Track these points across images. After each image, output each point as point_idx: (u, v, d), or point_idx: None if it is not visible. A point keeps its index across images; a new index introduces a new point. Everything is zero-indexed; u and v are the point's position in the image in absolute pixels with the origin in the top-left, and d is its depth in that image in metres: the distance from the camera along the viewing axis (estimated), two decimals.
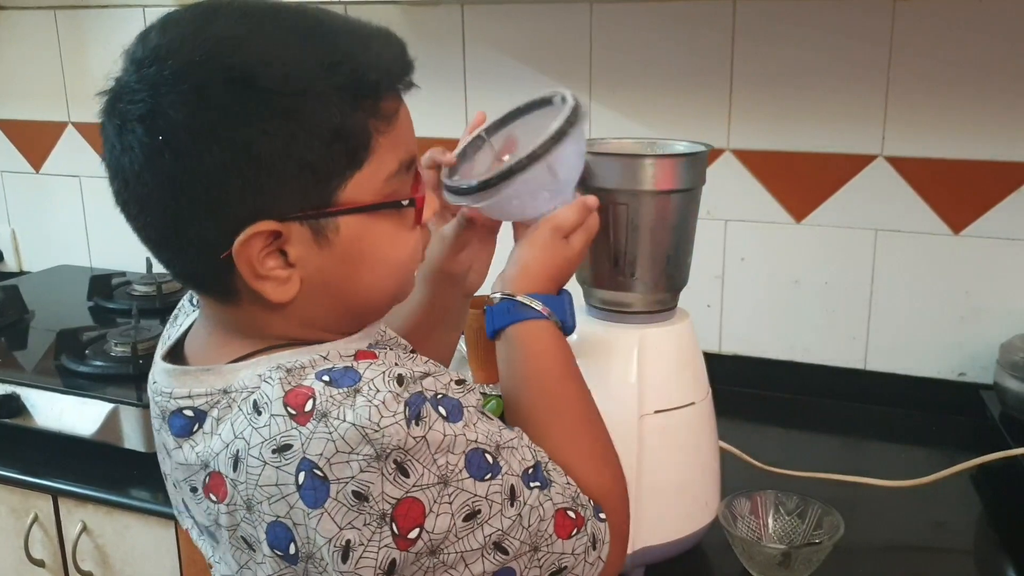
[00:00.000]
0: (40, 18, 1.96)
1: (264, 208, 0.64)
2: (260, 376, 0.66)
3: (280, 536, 0.64)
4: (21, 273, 2.13)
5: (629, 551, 1.00)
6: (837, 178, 1.46)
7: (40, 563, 1.37)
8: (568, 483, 0.74)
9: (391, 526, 0.61)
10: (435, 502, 0.63)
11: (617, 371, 1.00)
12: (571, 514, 0.72)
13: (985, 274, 1.42)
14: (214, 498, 0.67)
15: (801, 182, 1.48)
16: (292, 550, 0.63)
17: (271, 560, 0.65)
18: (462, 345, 1.57)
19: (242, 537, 0.67)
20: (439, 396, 0.65)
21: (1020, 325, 1.40)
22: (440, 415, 0.64)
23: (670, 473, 1.01)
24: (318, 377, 0.63)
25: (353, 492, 0.60)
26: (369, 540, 0.61)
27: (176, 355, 0.77)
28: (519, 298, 0.83)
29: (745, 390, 1.53)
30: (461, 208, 0.91)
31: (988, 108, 1.36)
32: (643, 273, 1.01)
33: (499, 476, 0.67)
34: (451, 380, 0.69)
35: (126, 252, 2.00)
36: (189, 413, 0.69)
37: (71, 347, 1.45)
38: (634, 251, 1.00)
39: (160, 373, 0.73)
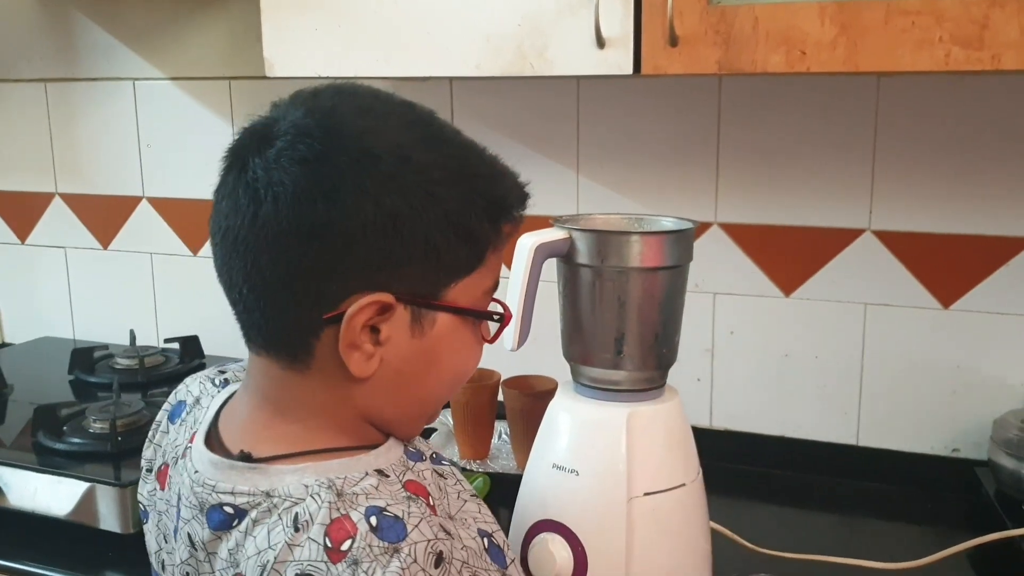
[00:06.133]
0: (31, 90, 1.97)
1: (384, 280, 0.67)
2: (307, 488, 0.65)
3: None
4: (3, 345, 2.10)
5: None
6: (825, 252, 1.46)
7: None
8: None
9: None
10: None
11: (605, 451, 0.98)
12: None
13: (976, 349, 1.41)
14: None
15: (789, 256, 1.48)
16: None
17: None
18: (449, 420, 1.55)
19: None
20: None
21: (1012, 400, 1.39)
22: None
23: (660, 557, 0.98)
24: (367, 515, 0.62)
25: None
26: None
27: (211, 438, 0.75)
28: None
29: (735, 466, 1.50)
30: None
31: (974, 182, 1.37)
32: (631, 351, 1.00)
33: None
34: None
35: (110, 324, 1.98)
36: (229, 510, 0.68)
37: (48, 423, 1.42)
38: (622, 328, 0.99)
39: (204, 463, 0.72)
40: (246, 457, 0.70)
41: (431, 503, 0.67)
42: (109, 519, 1.27)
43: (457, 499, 0.71)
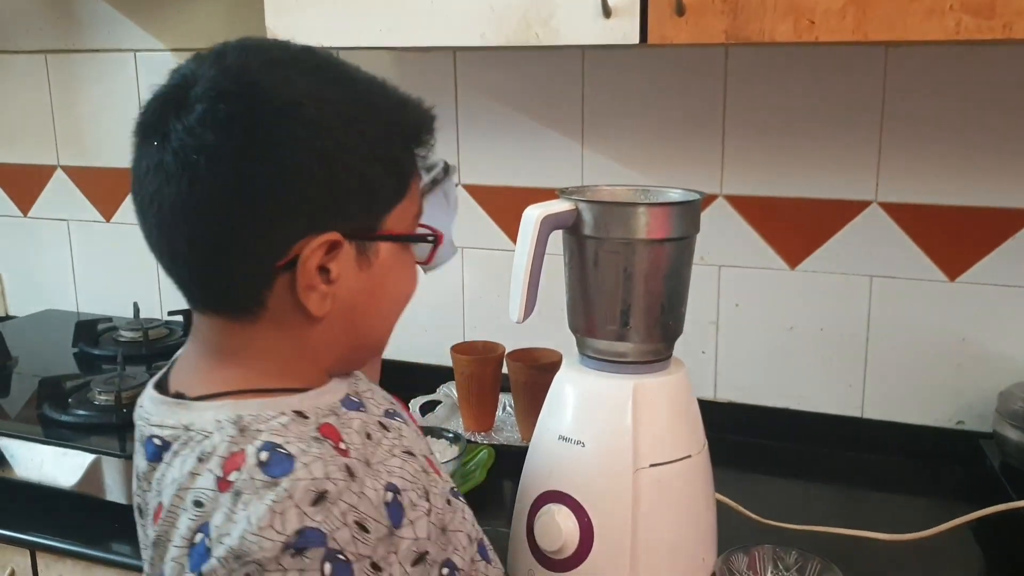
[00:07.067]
0: (31, 62, 1.95)
1: (327, 220, 0.69)
2: (218, 423, 0.68)
3: None
4: (7, 318, 2.10)
5: None
6: (831, 224, 1.45)
7: None
8: None
9: None
10: None
11: (611, 423, 0.98)
12: None
13: (981, 321, 1.41)
14: (155, 526, 0.71)
15: (795, 228, 1.47)
16: None
17: None
18: (453, 392, 1.55)
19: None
20: (339, 555, 0.62)
21: (1018, 373, 1.39)
22: (321, 573, 0.61)
23: (666, 529, 0.99)
24: (260, 450, 0.65)
25: (203, 574, 0.62)
26: None
27: (164, 383, 0.78)
28: None
29: (740, 438, 1.50)
30: None
31: (982, 154, 1.36)
32: (637, 322, 1.00)
33: None
34: (381, 539, 0.65)
35: (113, 297, 1.98)
36: (158, 442, 0.72)
37: (53, 395, 1.43)
38: (628, 300, 0.99)
39: (147, 399, 0.77)
40: (179, 396, 0.74)
41: (342, 447, 0.68)
42: (115, 490, 1.27)
43: (387, 452, 0.71)
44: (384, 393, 0.83)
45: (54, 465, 1.31)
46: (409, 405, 1.58)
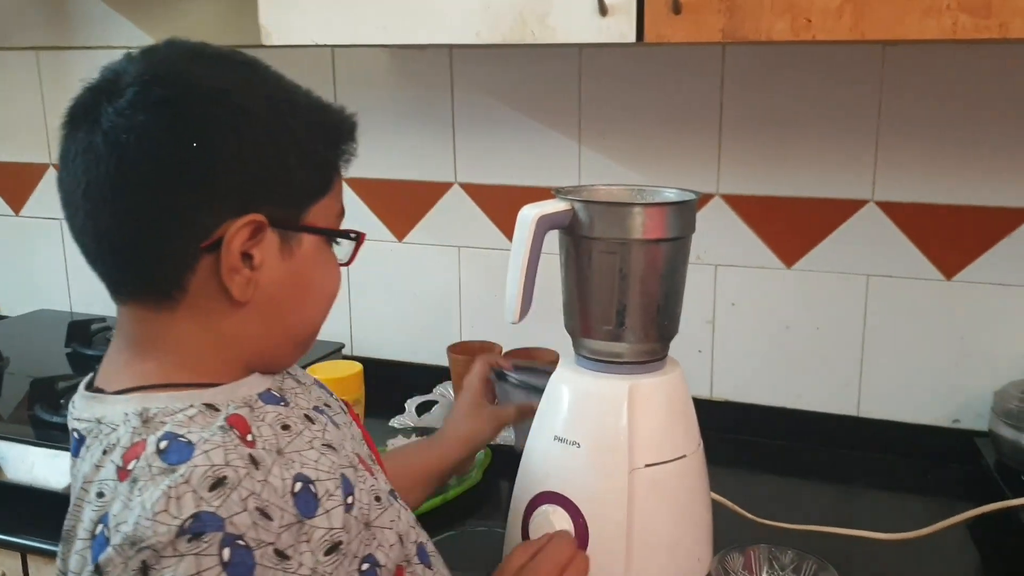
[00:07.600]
0: (22, 59, 1.94)
1: (251, 206, 0.70)
2: (125, 416, 0.69)
3: None
4: None
5: None
6: (828, 223, 1.45)
7: None
8: None
9: None
10: None
11: (606, 423, 0.98)
12: None
13: (978, 320, 1.40)
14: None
15: (791, 227, 1.47)
16: None
17: None
18: (450, 392, 1.55)
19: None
20: (238, 540, 0.61)
21: (1014, 371, 1.39)
22: (220, 559, 0.60)
23: (661, 529, 0.98)
24: (160, 439, 0.65)
25: (100, 563, 0.62)
26: None
27: (92, 381, 0.79)
28: None
29: (736, 437, 1.50)
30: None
31: (979, 153, 1.36)
32: (632, 322, 0.99)
33: None
34: (286, 527, 0.64)
35: (107, 297, 1.96)
36: (77, 436, 0.73)
37: (45, 396, 1.41)
38: (623, 300, 0.99)
39: (77, 396, 0.77)
40: (99, 391, 0.74)
41: (248, 439, 0.67)
42: None
43: (307, 443, 0.71)
44: (323, 395, 0.83)
45: (45, 467, 1.29)
46: (406, 405, 1.58)
